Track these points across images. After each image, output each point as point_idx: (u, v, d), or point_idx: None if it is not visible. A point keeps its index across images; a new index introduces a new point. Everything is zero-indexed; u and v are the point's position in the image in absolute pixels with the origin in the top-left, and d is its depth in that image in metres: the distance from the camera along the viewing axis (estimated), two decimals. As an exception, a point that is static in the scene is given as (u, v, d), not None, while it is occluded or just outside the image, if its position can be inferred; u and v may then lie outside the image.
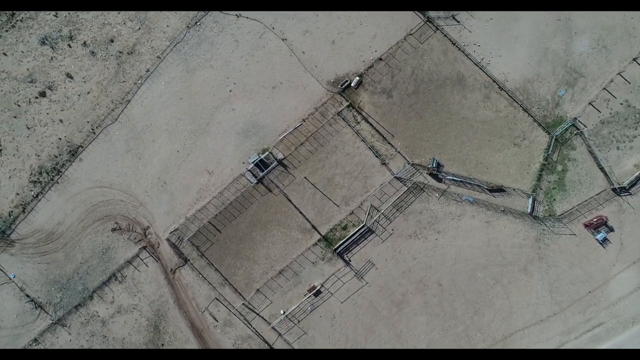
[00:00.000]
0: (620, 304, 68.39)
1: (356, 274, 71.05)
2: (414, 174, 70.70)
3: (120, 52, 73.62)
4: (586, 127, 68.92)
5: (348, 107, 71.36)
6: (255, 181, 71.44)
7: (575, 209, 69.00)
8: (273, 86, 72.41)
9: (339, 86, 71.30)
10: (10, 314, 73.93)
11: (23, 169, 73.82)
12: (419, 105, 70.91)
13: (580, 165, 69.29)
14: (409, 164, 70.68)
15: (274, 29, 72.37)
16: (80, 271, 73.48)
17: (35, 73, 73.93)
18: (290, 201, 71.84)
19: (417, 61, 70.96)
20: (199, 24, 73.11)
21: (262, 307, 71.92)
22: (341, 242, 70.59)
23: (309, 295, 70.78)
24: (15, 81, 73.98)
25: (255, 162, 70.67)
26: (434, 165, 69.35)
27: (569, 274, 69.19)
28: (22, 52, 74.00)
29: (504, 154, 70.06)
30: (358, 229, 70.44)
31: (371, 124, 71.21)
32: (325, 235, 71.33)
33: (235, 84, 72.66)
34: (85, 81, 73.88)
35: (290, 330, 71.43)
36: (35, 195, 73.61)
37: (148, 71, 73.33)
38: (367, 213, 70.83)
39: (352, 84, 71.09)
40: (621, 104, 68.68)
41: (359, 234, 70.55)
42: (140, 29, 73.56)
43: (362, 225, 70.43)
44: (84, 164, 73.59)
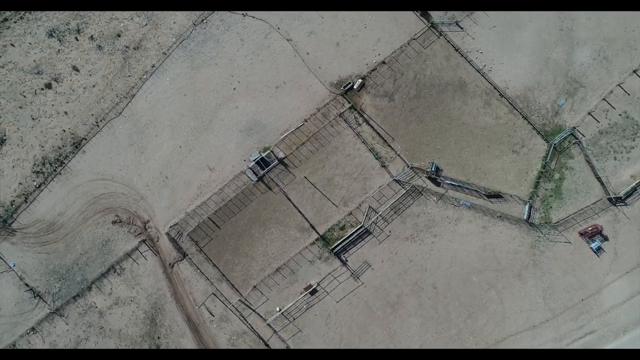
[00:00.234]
0: (613, 312, 69.13)
1: (352, 274, 71.81)
2: (412, 177, 71.49)
3: (127, 46, 74.43)
4: (584, 136, 69.72)
5: (350, 109, 72.16)
6: (256, 179, 72.22)
7: (571, 217, 69.77)
8: (276, 86, 73.21)
9: (342, 88, 72.10)
10: (9, 302, 74.68)
11: (26, 159, 74.61)
12: (420, 109, 71.71)
13: (577, 174, 70.07)
14: (409, 167, 71.47)
15: (279, 29, 73.19)
16: (80, 262, 74.25)
17: (42, 65, 74.74)
18: (290, 200, 72.62)
19: (420, 66, 71.75)
20: (205, 21, 73.94)
21: (259, 304, 72.68)
22: (338, 242, 71.36)
23: (305, 293, 71.53)
24: (22, 72, 74.79)
25: (257, 160, 71.43)
26: (433, 169, 70.14)
27: (562, 281, 69.95)
28: (30, 43, 74.83)
29: (502, 160, 70.85)
30: (356, 229, 71.21)
31: (372, 127, 72.02)
32: (323, 234, 72.11)
33: (240, 82, 73.47)
34: (91, 74, 74.69)
35: (286, 328, 72.17)
36: (37, 186, 74.40)
37: (153, 67, 74.15)
38: (365, 214, 71.61)
39: (355, 86, 71.89)
40: (620, 115, 69.49)
41: (356, 234, 71.31)
42: (147, 24, 74.39)
43: (360, 226, 71.19)
44: (87, 156, 74.39)
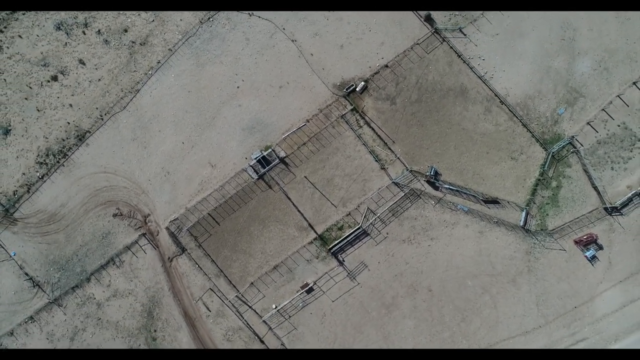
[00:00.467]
0: (605, 321, 69.84)
1: (349, 274, 72.55)
2: (411, 180, 72.22)
3: (133, 42, 75.22)
4: (583, 146, 70.42)
5: (352, 110, 72.88)
6: (257, 177, 72.96)
7: (567, 225, 70.44)
8: (280, 85, 73.96)
9: (344, 90, 72.82)
10: (8, 291, 75.51)
11: (30, 150, 75.42)
12: (421, 113, 72.45)
13: (574, 183, 70.80)
14: (408, 170, 72.20)
15: (284, 29, 73.93)
16: (80, 253, 75.05)
17: (49, 57, 75.53)
18: (290, 199, 73.37)
19: (422, 71, 72.48)
20: (211, 19, 74.67)
21: (255, 301, 73.44)
22: (336, 242, 72.08)
23: (301, 292, 72.28)
24: (29, 64, 75.59)
25: (258, 158, 72.11)
26: (432, 173, 70.85)
27: (556, 288, 70.67)
28: (37, 35, 75.61)
29: (500, 166, 71.59)
30: (353, 230, 71.93)
31: (373, 129, 72.75)
32: (321, 234, 72.84)
33: (244, 80, 74.21)
34: (97, 68, 75.47)
35: (281, 325, 72.93)
36: (40, 177, 75.20)
37: (159, 62, 74.91)
38: (364, 215, 72.34)
39: (357, 89, 72.63)
40: (618, 125, 70.19)
41: (354, 235, 72.03)
42: (154, 21, 75.15)
43: (358, 227, 71.89)
44: (91, 149, 75.17)
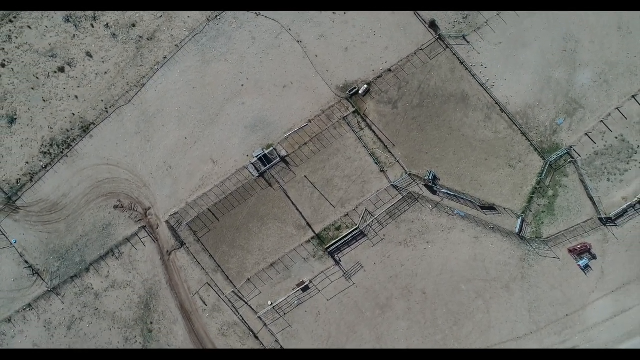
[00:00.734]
0: (595, 329, 70.67)
1: (345, 274, 73.39)
2: (410, 183, 73.10)
3: (141, 37, 76.09)
4: (580, 156, 71.31)
5: (354, 113, 73.73)
6: (257, 175, 73.79)
7: (562, 234, 71.30)
8: (284, 85, 74.81)
9: (347, 92, 73.67)
10: (7, 278, 76.31)
11: (35, 140, 76.25)
12: (422, 118, 73.33)
13: (570, 193, 71.69)
14: (407, 173, 73.07)
15: (290, 30, 74.78)
16: (80, 243, 75.89)
17: (57, 49, 76.38)
18: (289, 197, 74.22)
19: (425, 76, 73.37)
20: (219, 17, 75.50)
21: (251, 297, 74.28)
22: (333, 242, 72.91)
23: (297, 289, 73.11)
24: (37, 54, 76.44)
25: (259, 156, 72.89)
26: (430, 178, 71.69)
27: (549, 295, 71.54)
28: (46, 27, 76.45)
29: (498, 173, 72.48)
30: (351, 231, 72.77)
31: (374, 132, 73.62)
32: (319, 233, 73.70)
33: (248, 79, 75.06)
34: (103, 61, 76.32)
35: (276, 322, 73.77)
36: (44, 166, 76.05)
37: (165, 58, 75.76)
38: (361, 217, 73.20)
39: (360, 92, 73.48)
40: (616, 137, 71.06)
41: (351, 236, 72.85)
42: (162, 16, 75.98)
43: (355, 227, 72.74)
44: (94, 140, 76.01)
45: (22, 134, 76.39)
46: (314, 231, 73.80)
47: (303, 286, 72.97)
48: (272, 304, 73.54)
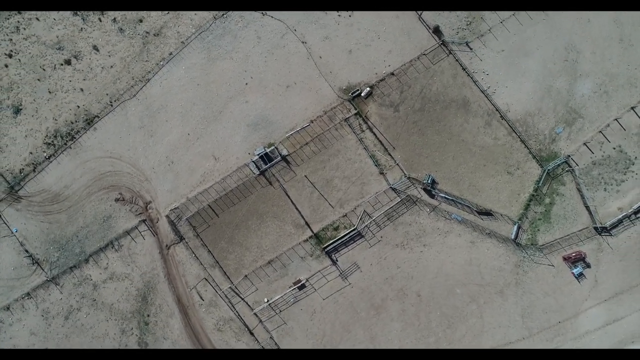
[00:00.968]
0: (587, 337, 71.43)
1: (341, 274, 74.13)
2: (409, 187, 73.84)
3: (147, 32, 76.83)
4: (578, 165, 72.05)
5: (355, 115, 74.46)
6: (258, 172, 74.51)
7: (557, 241, 72.06)
8: (287, 85, 75.55)
9: (350, 94, 74.38)
10: (7, 266, 77.06)
11: (39, 130, 77.01)
12: (422, 122, 74.07)
13: (567, 201, 72.42)
14: (406, 176, 73.80)
15: (295, 31, 75.49)
16: (80, 235, 76.65)
17: (64, 41, 77.15)
18: (289, 196, 74.95)
19: (427, 81, 74.12)
20: (225, 16, 76.19)
21: (248, 293, 75.02)
22: (331, 242, 73.64)
23: (294, 287, 73.84)
24: (44, 46, 77.20)
25: (261, 154, 73.58)
26: (429, 182, 72.41)
27: (542, 302, 72.29)
28: (54, 19, 77.17)
29: (496, 180, 73.22)
30: (349, 231, 73.48)
31: (375, 134, 74.37)
32: (317, 233, 74.44)
33: (252, 78, 75.79)
34: (110, 55, 77.08)
35: (271, 319, 74.51)
36: (47, 157, 76.79)
37: (171, 54, 76.51)
38: (360, 218, 73.94)
39: (362, 94, 74.21)
40: (614, 148, 71.81)
41: (349, 236, 73.57)
42: (169, 13, 76.70)
43: (353, 228, 73.45)
44: (98, 133, 76.75)
45: (27, 124, 77.13)
46: (312, 230, 74.54)
47: (299, 284, 73.69)
48: (268, 301, 74.29)
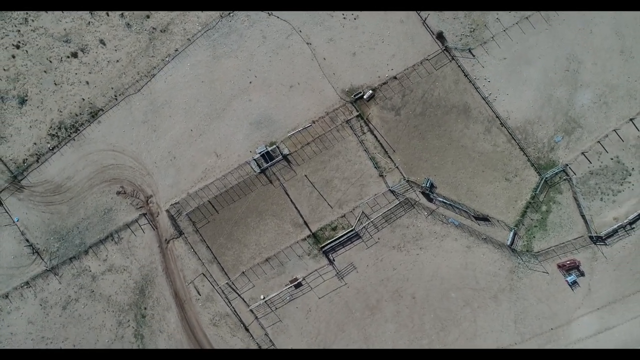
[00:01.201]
0: (579, 345, 72.13)
1: (337, 273, 74.85)
2: (407, 190, 74.57)
3: (154, 28, 77.58)
4: (575, 174, 72.79)
5: (357, 117, 75.13)
6: (259, 171, 75.22)
7: (552, 249, 72.82)
8: (291, 85, 76.28)
9: (352, 96, 75.03)
10: (7, 255, 77.75)
11: (44, 122, 77.73)
12: (423, 126, 74.83)
13: (563, 209, 73.17)
14: (405, 180, 74.52)
15: (301, 32, 76.20)
16: (81, 226, 77.37)
17: (71, 34, 77.88)
18: (288, 195, 75.67)
19: (429, 86, 74.87)
20: (231, 15, 76.92)
21: (244, 290, 75.75)
22: (328, 242, 74.32)
23: (290, 285, 74.54)
24: (51, 38, 77.94)
25: (262, 153, 74.22)
26: (428, 185, 73.15)
27: (535, 308, 73.04)
28: (62, 12, 77.88)
29: (494, 186, 73.97)
30: (346, 232, 74.20)
31: (376, 137, 75.09)
32: (315, 232, 75.14)
33: (256, 77, 76.49)
34: (116, 50, 77.80)
35: (267, 316, 75.24)
36: (51, 148, 77.49)
37: (177, 51, 77.24)
38: (358, 219, 74.67)
39: (365, 97, 74.93)
40: (612, 159, 72.57)
41: (346, 237, 74.26)
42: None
43: (351, 229, 74.13)
44: (102, 126, 77.44)
45: (32, 115, 77.85)
46: (310, 230, 75.25)
47: (296, 283, 74.40)
48: (264, 298, 75.02)
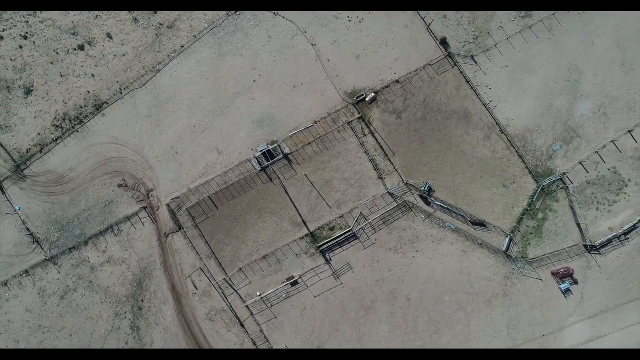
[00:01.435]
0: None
1: (334, 273, 75.53)
2: (406, 193, 75.27)
3: (161, 24, 78.34)
4: (572, 183, 73.54)
5: (359, 119, 75.87)
6: (260, 169, 75.91)
7: (547, 256, 73.53)
8: (294, 85, 77.01)
9: (355, 98, 75.74)
10: (8, 243, 78.42)
11: (49, 112, 78.46)
12: (424, 131, 75.57)
13: (559, 218, 73.91)
14: (404, 183, 75.26)
15: (306, 32, 76.98)
16: (81, 217, 78.07)
17: (79, 27, 78.64)
18: (288, 194, 76.37)
19: (431, 91, 75.63)
20: (238, 13, 77.74)
21: (241, 286, 76.44)
22: (326, 241, 74.98)
23: (286, 283, 75.21)
24: (59, 30, 78.70)
25: (263, 151, 74.89)
26: (426, 189, 73.87)
27: (528, 314, 73.75)
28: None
29: (492, 192, 74.71)
30: (344, 232, 74.89)
31: (376, 139, 75.81)
32: (313, 232, 75.80)
33: (260, 76, 77.23)
34: (123, 44, 78.56)
35: (262, 312, 75.91)
36: (54, 139, 78.20)
37: (182, 47, 77.97)
38: (356, 220, 75.36)
39: (367, 99, 75.65)
40: (609, 169, 73.32)
41: (344, 237, 74.93)
42: (183, 7, 78.25)
43: (349, 230, 74.80)
44: (106, 119, 78.16)
45: (37, 105, 78.57)
46: (308, 229, 75.95)
47: (292, 281, 75.05)
48: (260, 294, 75.70)
